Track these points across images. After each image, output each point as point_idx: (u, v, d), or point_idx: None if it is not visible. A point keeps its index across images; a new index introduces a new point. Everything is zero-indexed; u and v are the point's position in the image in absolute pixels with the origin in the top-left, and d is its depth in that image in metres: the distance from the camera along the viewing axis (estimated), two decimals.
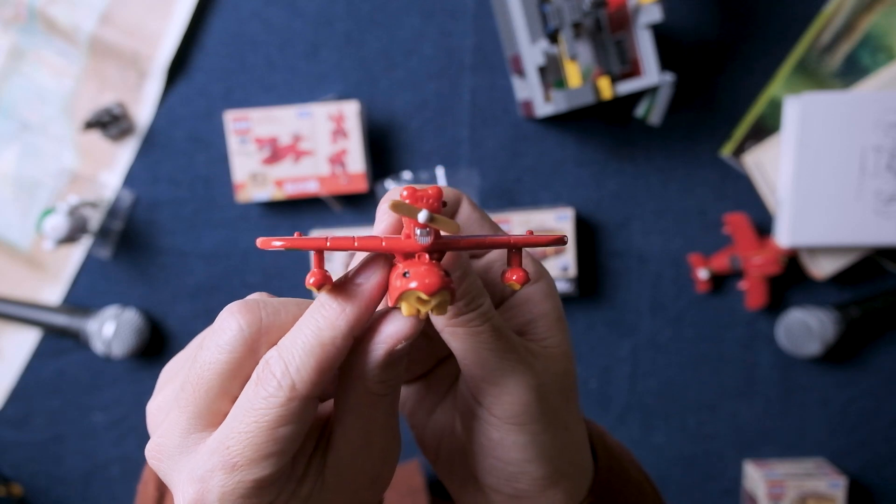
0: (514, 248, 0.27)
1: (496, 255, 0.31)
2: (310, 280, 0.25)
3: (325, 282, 0.25)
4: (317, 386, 0.25)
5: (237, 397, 0.26)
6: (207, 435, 0.26)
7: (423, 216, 0.24)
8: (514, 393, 0.29)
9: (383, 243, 0.25)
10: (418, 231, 0.25)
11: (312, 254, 0.25)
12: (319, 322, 0.25)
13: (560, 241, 0.28)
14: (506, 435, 0.30)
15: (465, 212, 0.30)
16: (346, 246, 0.25)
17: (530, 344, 0.31)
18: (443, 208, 0.25)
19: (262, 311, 0.26)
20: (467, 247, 0.26)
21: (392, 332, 0.26)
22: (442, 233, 0.25)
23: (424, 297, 0.24)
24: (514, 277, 0.27)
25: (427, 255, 0.25)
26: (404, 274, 0.25)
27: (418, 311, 0.25)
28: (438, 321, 0.28)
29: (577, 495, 0.32)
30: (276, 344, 0.26)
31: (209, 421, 0.26)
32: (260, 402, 0.24)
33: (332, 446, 0.28)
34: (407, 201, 0.24)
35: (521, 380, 0.29)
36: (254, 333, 0.25)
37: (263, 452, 0.24)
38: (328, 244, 0.25)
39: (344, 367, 0.27)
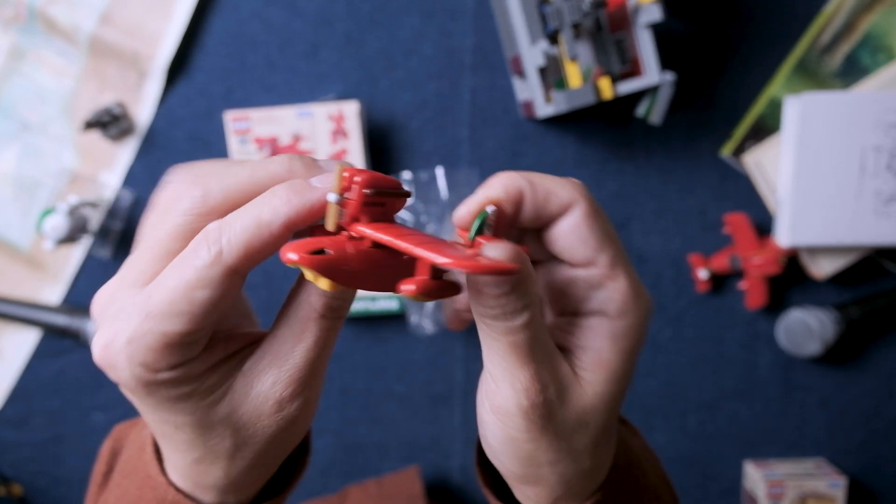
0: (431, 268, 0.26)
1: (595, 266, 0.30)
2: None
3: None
4: (242, 261, 0.26)
5: None
6: None
7: (331, 196, 0.26)
8: (508, 408, 0.29)
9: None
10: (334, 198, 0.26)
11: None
12: (263, 205, 0.26)
13: (505, 271, 0.25)
14: (487, 421, 0.30)
15: (572, 221, 0.29)
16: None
17: (563, 368, 0.29)
18: (368, 197, 0.26)
19: (213, 182, 0.27)
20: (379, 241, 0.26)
21: None
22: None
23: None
24: (403, 287, 0.25)
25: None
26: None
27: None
28: (463, 299, 0.29)
29: (565, 498, 0.32)
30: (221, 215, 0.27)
31: (151, 278, 0.27)
32: (187, 263, 0.26)
33: (250, 355, 0.29)
34: (345, 175, 0.26)
35: (519, 403, 0.28)
36: (203, 205, 0.27)
37: (177, 309, 0.25)
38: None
39: (298, 280, 0.28)
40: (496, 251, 0.26)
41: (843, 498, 0.82)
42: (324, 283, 0.25)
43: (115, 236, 0.82)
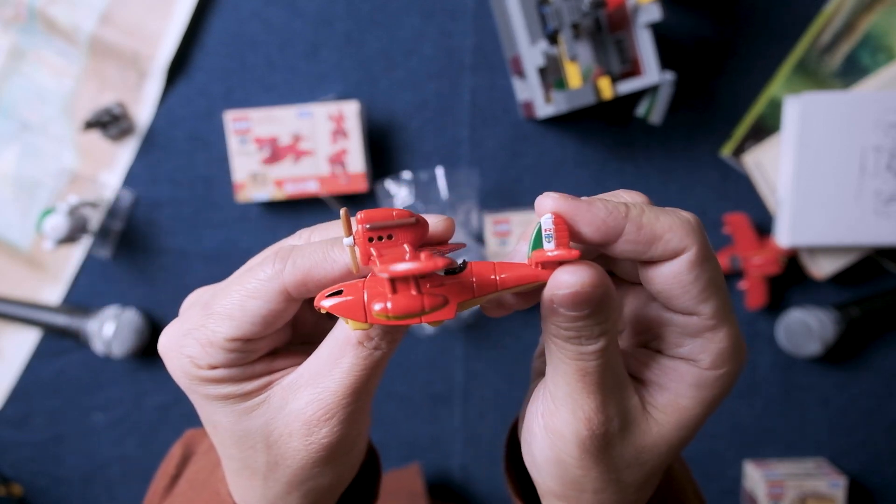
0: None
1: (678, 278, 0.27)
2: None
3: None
4: (299, 285, 0.27)
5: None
6: None
7: (346, 241, 0.26)
8: (565, 433, 0.28)
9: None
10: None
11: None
12: (331, 250, 0.27)
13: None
14: (538, 437, 0.29)
15: (676, 269, 0.26)
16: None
17: (632, 401, 0.28)
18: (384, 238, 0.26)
19: (290, 261, 0.28)
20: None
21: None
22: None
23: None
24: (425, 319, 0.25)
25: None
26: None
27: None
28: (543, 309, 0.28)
29: None
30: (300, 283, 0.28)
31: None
32: (252, 273, 0.28)
33: (291, 373, 0.30)
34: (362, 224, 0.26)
35: (577, 431, 0.27)
36: (282, 280, 0.28)
37: (231, 313, 0.27)
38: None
39: None
40: (573, 276, 0.24)
41: (843, 498, 0.82)
42: (351, 324, 0.26)
43: (115, 236, 0.82)
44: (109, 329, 0.80)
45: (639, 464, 0.28)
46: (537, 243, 0.26)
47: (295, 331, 0.32)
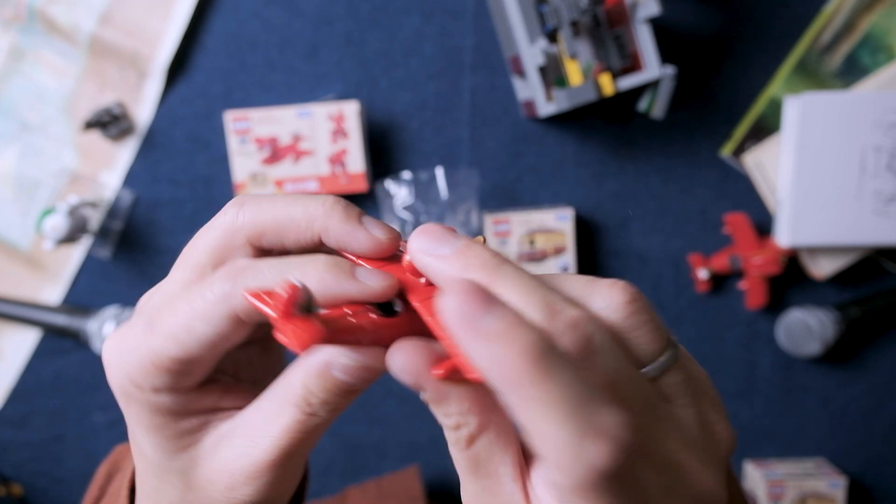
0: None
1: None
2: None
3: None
4: (249, 312, 0.25)
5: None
6: None
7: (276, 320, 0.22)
8: None
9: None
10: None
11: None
12: (294, 268, 0.25)
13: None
14: None
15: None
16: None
17: (506, 488, 0.24)
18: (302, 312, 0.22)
19: (247, 207, 0.27)
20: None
21: (336, 358, 0.25)
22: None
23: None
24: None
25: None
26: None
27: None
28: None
29: None
30: (253, 237, 0.26)
31: (181, 286, 0.27)
32: (200, 292, 0.25)
33: (231, 417, 0.27)
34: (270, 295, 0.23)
35: None
36: (232, 224, 0.27)
37: (174, 333, 0.25)
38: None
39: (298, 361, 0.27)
40: (395, 356, 0.23)
41: (843, 498, 0.82)
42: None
43: (114, 236, 0.82)
44: (109, 329, 0.80)
45: None
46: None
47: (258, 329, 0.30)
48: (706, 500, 0.23)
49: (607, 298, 0.24)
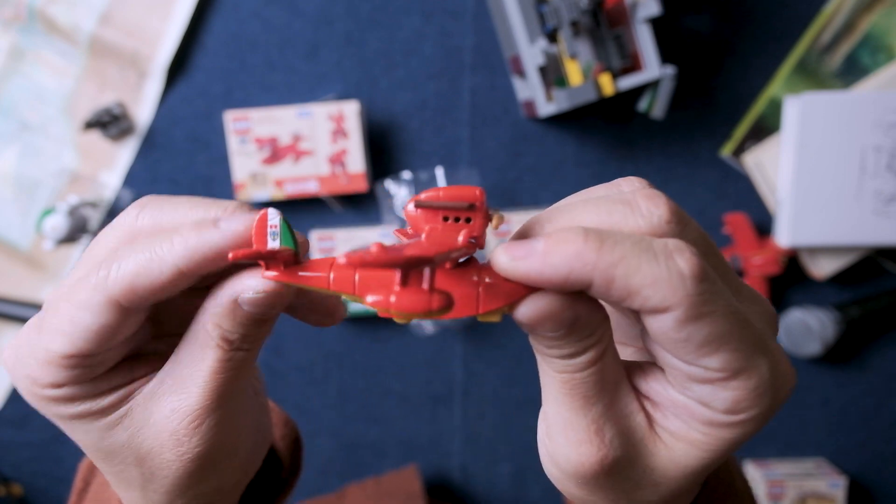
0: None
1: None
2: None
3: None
4: (127, 294, 0.24)
5: None
6: None
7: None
8: (559, 460, 0.25)
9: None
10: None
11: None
12: (163, 240, 0.25)
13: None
14: (542, 457, 0.27)
15: (661, 326, 0.22)
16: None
17: (634, 420, 0.25)
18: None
19: (149, 209, 0.26)
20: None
21: (244, 282, 0.25)
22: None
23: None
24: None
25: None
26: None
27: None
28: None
29: None
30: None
31: None
32: (82, 283, 0.25)
33: (149, 381, 0.27)
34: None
35: (567, 458, 0.25)
36: (130, 226, 0.26)
37: (61, 328, 0.25)
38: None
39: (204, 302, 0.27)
40: (531, 306, 0.23)
41: (842, 498, 0.82)
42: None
43: None
44: None
45: (651, 484, 0.25)
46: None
47: (160, 328, 0.29)
48: (772, 314, 0.26)
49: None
